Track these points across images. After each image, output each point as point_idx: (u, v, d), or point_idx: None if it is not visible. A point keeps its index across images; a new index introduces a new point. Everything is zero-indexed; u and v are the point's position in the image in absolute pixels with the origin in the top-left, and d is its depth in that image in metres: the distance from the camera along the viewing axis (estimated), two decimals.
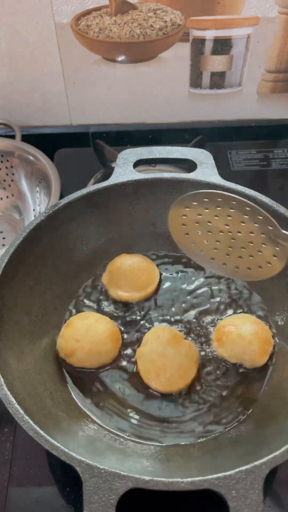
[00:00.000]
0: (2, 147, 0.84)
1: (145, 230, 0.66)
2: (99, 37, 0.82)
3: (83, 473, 0.39)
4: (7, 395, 0.43)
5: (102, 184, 0.61)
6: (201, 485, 0.38)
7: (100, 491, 0.38)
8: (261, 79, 0.90)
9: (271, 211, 0.57)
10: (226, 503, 0.37)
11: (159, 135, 0.95)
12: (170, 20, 0.80)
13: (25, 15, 0.79)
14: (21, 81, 0.88)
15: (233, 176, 0.79)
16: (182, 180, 0.62)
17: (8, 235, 0.84)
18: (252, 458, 0.39)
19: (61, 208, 0.59)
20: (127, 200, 0.63)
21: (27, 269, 0.56)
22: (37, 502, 0.53)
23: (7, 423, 0.58)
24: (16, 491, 0.53)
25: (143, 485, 0.38)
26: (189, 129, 0.95)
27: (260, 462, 0.39)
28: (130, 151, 0.64)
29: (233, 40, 0.83)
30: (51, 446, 0.40)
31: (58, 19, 0.80)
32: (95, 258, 0.65)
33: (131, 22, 0.80)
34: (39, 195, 0.82)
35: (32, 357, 0.53)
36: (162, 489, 0.38)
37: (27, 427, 0.42)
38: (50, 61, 0.85)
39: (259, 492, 0.38)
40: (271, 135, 0.96)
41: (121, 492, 0.38)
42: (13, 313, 0.53)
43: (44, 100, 0.91)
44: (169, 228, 0.51)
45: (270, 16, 0.80)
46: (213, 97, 0.92)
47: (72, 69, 0.87)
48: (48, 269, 0.59)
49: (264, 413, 0.52)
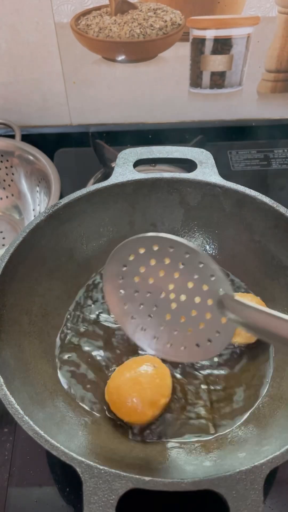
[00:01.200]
0: (2, 147, 0.84)
1: (145, 230, 0.66)
2: (99, 37, 0.82)
3: (83, 474, 0.39)
4: (6, 395, 0.43)
5: (102, 184, 0.61)
6: (201, 485, 0.38)
7: (100, 491, 0.38)
8: (261, 79, 0.90)
9: (271, 211, 0.58)
10: (226, 503, 0.38)
11: (159, 135, 0.95)
12: (170, 19, 0.80)
13: (25, 15, 0.79)
14: (21, 81, 0.88)
15: (233, 176, 0.79)
16: (182, 179, 0.62)
17: (8, 235, 0.84)
18: (252, 459, 0.39)
19: (61, 208, 0.59)
20: (127, 200, 0.63)
21: (27, 269, 0.56)
22: (37, 502, 0.53)
23: (7, 423, 0.58)
24: (16, 491, 0.53)
25: (143, 485, 0.38)
26: (189, 129, 0.95)
27: (260, 462, 0.39)
28: (130, 151, 0.64)
29: (233, 39, 0.83)
30: (51, 446, 0.40)
31: (58, 19, 0.80)
32: (95, 258, 0.65)
33: (131, 22, 0.80)
34: (39, 195, 0.82)
35: (32, 357, 0.53)
36: (162, 490, 0.38)
37: (27, 427, 0.42)
38: (50, 61, 0.85)
39: (259, 492, 0.38)
40: (271, 135, 0.95)
41: (121, 492, 0.38)
42: (13, 313, 0.53)
43: (44, 100, 0.91)
44: (103, 280, 0.44)
45: (270, 16, 0.80)
46: (213, 97, 0.92)
47: (72, 69, 0.87)
48: (48, 269, 0.59)
49: (264, 413, 0.52)
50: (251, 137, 0.96)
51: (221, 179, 0.61)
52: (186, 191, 0.63)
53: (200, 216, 0.65)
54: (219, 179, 0.61)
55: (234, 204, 0.61)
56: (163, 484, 0.38)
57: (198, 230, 0.66)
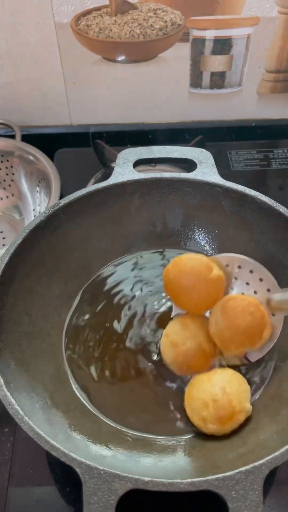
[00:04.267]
0: (2, 147, 0.84)
1: (145, 230, 0.66)
2: (99, 37, 0.82)
3: (83, 474, 0.39)
4: (6, 396, 0.43)
5: (102, 184, 0.61)
6: (200, 486, 0.38)
7: (100, 492, 0.38)
8: (261, 79, 0.90)
9: (271, 210, 0.58)
10: (226, 504, 0.37)
11: (159, 135, 0.95)
12: (170, 20, 0.80)
13: (25, 15, 0.79)
14: (21, 81, 0.88)
15: (233, 176, 0.80)
16: (182, 179, 0.62)
17: (8, 235, 0.84)
18: (251, 459, 0.39)
19: (61, 208, 0.58)
20: (127, 200, 0.63)
21: (27, 269, 0.56)
22: (37, 502, 0.53)
23: (7, 423, 0.58)
24: (16, 491, 0.53)
25: (142, 485, 0.38)
26: (189, 129, 0.95)
27: (260, 462, 0.39)
28: (130, 151, 0.64)
29: (233, 40, 0.83)
30: (51, 447, 0.40)
31: (58, 19, 0.80)
32: (95, 258, 0.65)
33: (131, 22, 0.80)
34: (39, 195, 0.82)
35: (32, 357, 0.53)
36: (162, 490, 0.38)
37: (27, 428, 0.41)
38: (50, 61, 0.85)
39: (258, 493, 0.38)
40: (271, 135, 0.96)
41: (121, 493, 0.38)
42: (13, 314, 0.53)
43: (44, 100, 0.91)
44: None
45: (270, 16, 0.80)
46: (213, 97, 0.92)
47: (72, 69, 0.87)
48: (48, 269, 0.59)
49: (264, 413, 0.52)
50: (251, 137, 0.96)
51: (221, 179, 0.61)
52: (186, 191, 0.63)
53: (200, 216, 0.65)
54: (219, 179, 0.61)
55: (234, 204, 0.61)
56: (162, 484, 0.38)
57: (198, 230, 0.66)
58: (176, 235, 0.66)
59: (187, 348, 0.53)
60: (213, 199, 0.62)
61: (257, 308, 0.51)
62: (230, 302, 0.52)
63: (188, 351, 0.53)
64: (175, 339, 0.53)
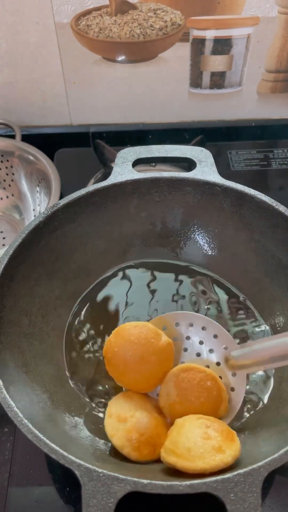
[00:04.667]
0: (2, 147, 0.84)
1: (145, 230, 0.66)
2: (99, 37, 0.82)
3: (82, 477, 0.38)
4: (6, 398, 0.43)
5: (101, 184, 0.61)
6: (199, 488, 0.38)
7: (98, 494, 0.38)
8: (261, 79, 0.90)
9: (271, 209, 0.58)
10: (225, 506, 0.37)
11: (159, 135, 0.95)
12: (170, 20, 0.80)
13: (25, 15, 0.79)
14: (21, 81, 0.88)
15: (233, 176, 0.80)
16: (182, 179, 0.61)
17: (8, 235, 0.84)
18: (250, 461, 0.39)
19: (61, 209, 0.58)
20: (127, 199, 0.63)
21: (27, 270, 0.56)
22: (37, 502, 0.53)
23: (7, 423, 0.58)
24: (16, 491, 0.53)
25: (141, 488, 0.38)
26: (189, 129, 0.95)
27: (259, 465, 0.39)
28: (129, 150, 0.64)
29: (233, 40, 0.83)
30: (50, 449, 0.40)
31: (58, 19, 0.79)
32: (95, 258, 0.64)
33: (131, 22, 0.80)
34: (39, 195, 0.82)
35: (31, 358, 0.53)
36: (160, 493, 0.38)
37: (26, 430, 0.41)
38: (50, 61, 0.85)
39: (257, 495, 0.38)
40: (271, 135, 0.95)
41: (120, 495, 0.37)
42: (12, 315, 0.53)
43: (44, 100, 0.91)
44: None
45: (270, 16, 0.80)
46: (213, 97, 0.92)
47: (72, 69, 0.87)
48: (48, 270, 0.59)
49: (263, 414, 0.52)
50: (251, 137, 0.96)
51: (221, 178, 0.61)
52: (185, 190, 0.62)
53: (199, 215, 0.64)
54: (219, 178, 0.61)
55: (233, 203, 0.61)
56: (161, 487, 0.38)
57: (197, 229, 0.65)
58: (176, 234, 0.66)
59: (137, 419, 0.47)
60: (212, 199, 0.62)
61: (214, 383, 0.48)
62: (186, 374, 0.48)
63: (139, 423, 0.46)
64: (122, 413, 0.47)
